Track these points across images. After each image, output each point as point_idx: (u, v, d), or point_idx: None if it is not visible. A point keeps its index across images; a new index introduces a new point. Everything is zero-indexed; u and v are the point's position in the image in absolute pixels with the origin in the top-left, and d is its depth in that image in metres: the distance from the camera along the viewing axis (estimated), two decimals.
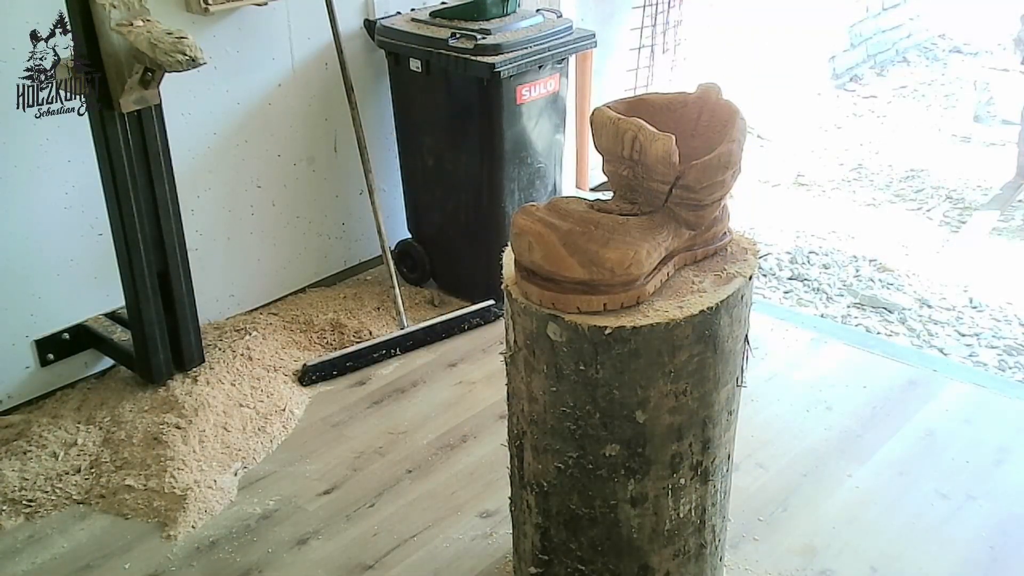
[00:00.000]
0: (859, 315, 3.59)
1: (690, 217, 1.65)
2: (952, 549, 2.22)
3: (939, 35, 7.27)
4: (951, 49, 7.05)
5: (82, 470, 2.43)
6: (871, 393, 2.80)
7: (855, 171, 4.99)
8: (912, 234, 4.23)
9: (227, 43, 2.84)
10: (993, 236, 4.21)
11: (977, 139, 5.37)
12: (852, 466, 2.50)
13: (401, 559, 2.20)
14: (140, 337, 2.60)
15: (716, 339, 1.61)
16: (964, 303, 3.66)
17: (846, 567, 2.17)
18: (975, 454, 2.53)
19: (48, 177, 2.57)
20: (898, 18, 6.90)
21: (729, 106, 1.67)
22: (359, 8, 3.19)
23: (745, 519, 2.30)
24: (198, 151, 2.87)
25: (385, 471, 2.50)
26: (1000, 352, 3.34)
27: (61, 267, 2.68)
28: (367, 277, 3.45)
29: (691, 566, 1.82)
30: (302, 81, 3.08)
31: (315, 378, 2.86)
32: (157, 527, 2.30)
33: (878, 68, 6.67)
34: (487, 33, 2.93)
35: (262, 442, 2.58)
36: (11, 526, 2.29)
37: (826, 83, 6.18)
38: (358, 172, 3.15)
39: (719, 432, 1.73)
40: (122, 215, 2.44)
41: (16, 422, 2.58)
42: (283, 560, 2.21)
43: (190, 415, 2.55)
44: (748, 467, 2.47)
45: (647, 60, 4.38)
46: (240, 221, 3.05)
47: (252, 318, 3.10)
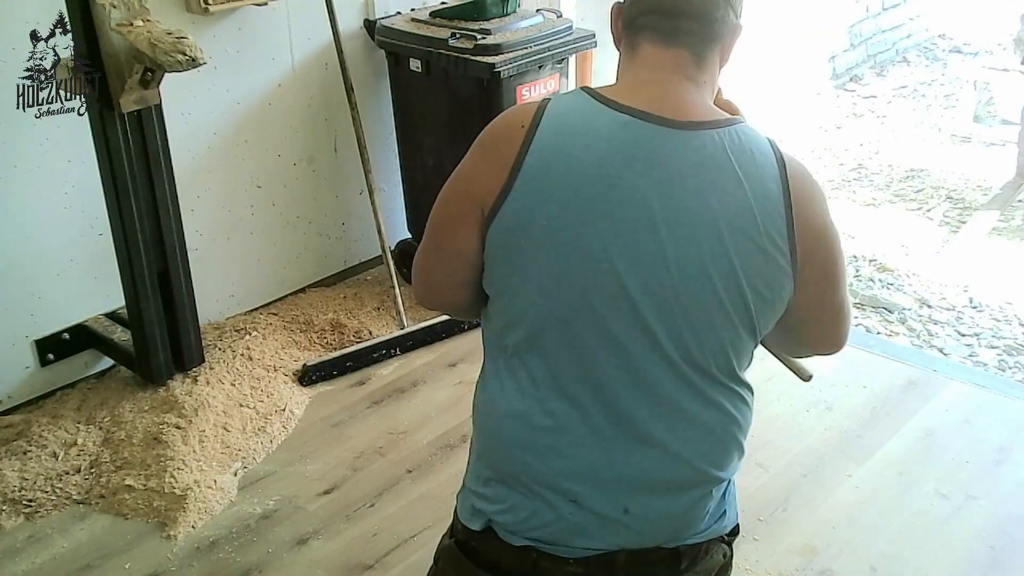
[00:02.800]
0: (859, 315, 3.59)
1: None
2: (952, 549, 2.22)
3: (939, 35, 7.27)
4: (951, 49, 7.05)
5: (82, 470, 2.43)
6: (871, 393, 2.80)
7: (855, 171, 4.99)
8: (912, 234, 4.23)
9: (227, 43, 2.84)
10: (993, 236, 4.21)
11: (977, 139, 5.37)
12: (852, 466, 2.50)
13: (401, 559, 2.20)
14: (140, 337, 2.59)
15: None
16: (964, 303, 3.66)
17: (846, 567, 2.17)
18: (975, 454, 2.53)
19: (48, 177, 2.57)
20: (898, 18, 6.90)
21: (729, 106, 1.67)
22: (359, 8, 3.19)
23: (745, 519, 2.28)
24: (198, 151, 2.87)
25: (385, 471, 2.50)
26: (1000, 352, 3.34)
27: (61, 267, 2.68)
28: (367, 277, 3.45)
29: None
30: (302, 81, 3.08)
31: (315, 378, 2.86)
32: (157, 527, 2.29)
33: (878, 68, 6.67)
34: (487, 33, 2.93)
35: (262, 442, 2.58)
36: (11, 526, 2.29)
37: (826, 83, 6.18)
38: (358, 172, 3.15)
39: None
40: (122, 215, 2.44)
41: (16, 422, 2.58)
42: (283, 560, 2.21)
43: (190, 415, 2.55)
44: (748, 467, 2.46)
45: None
46: (240, 221, 3.05)
47: (252, 318, 3.10)
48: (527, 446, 1.18)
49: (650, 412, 1.16)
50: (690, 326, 1.14)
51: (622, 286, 1.12)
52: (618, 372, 1.15)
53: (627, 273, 1.11)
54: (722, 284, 1.12)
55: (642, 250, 1.11)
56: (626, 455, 1.16)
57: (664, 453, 1.17)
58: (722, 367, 1.18)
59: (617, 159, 1.12)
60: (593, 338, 1.14)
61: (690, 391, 1.17)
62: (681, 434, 1.18)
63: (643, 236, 1.11)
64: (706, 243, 1.11)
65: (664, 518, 1.19)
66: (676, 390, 1.16)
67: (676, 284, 1.12)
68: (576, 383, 1.16)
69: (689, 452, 1.18)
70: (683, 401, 1.17)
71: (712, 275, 1.12)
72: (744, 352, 1.21)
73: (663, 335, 1.13)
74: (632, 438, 1.16)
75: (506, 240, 1.15)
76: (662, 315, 1.13)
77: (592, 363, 1.15)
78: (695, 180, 1.11)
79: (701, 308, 1.13)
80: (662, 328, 1.13)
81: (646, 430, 1.16)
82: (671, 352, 1.14)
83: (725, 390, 1.20)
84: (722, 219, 1.11)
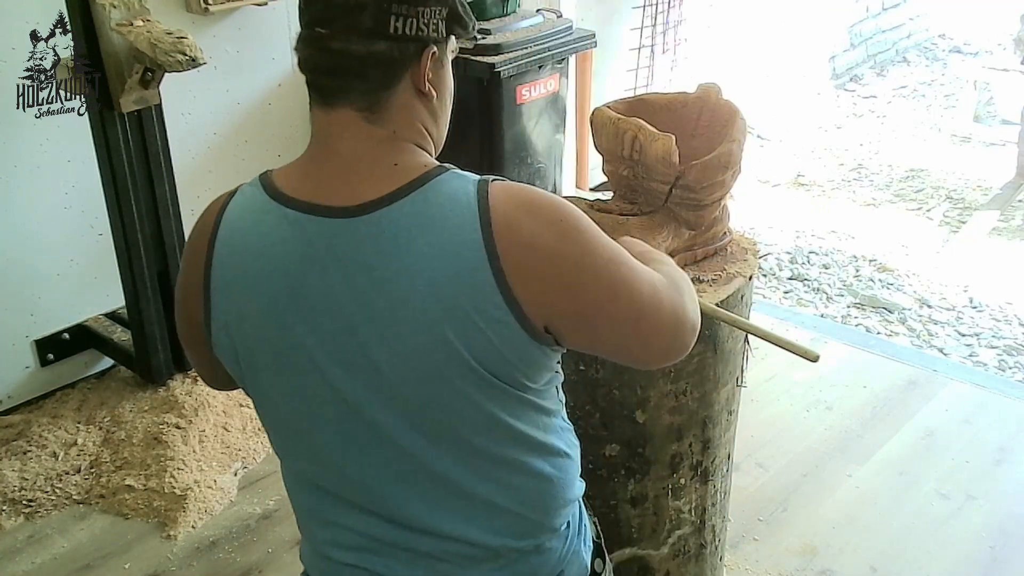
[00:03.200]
0: (859, 315, 3.59)
1: (690, 217, 1.65)
2: (952, 549, 2.22)
3: (939, 35, 7.27)
4: (951, 49, 7.05)
5: (82, 470, 2.43)
6: (871, 393, 2.80)
7: (855, 171, 4.99)
8: (912, 234, 4.23)
9: (227, 43, 2.84)
10: (993, 236, 4.20)
11: (977, 139, 5.37)
12: (852, 466, 2.50)
13: None
14: (140, 337, 2.59)
15: (716, 339, 1.61)
16: (964, 303, 3.66)
17: (846, 567, 2.17)
18: (975, 454, 2.53)
19: (48, 177, 2.57)
20: (898, 18, 6.90)
21: (729, 106, 1.67)
22: None
23: (745, 519, 2.30)
24: (198, 151, 2.87)
25: None
26: (1000, 352, 3.34)
27: (61, 267, 2.68)
28: None
29: (691, 566, 1.82)
30: (302, 81, 3.06)
31: None
32: (157, 527, 2.29)
33: (878, 68, 6.67)
34: (487, 33, 2.93)
35: (262, 442, 2.58)
36: (11, 526, 2.29)
37: (826, 83, 6.18)
38: None
39: (719, 432, 1.73)
40: (122, 215, 2.44)
41: (16, 422, 2.58)
42: (283, 560, 2.20)
43: (190, 415, 2.55)
44: (748, 467, 2.47)
45: (647, 60, 4.38)
46: None
47: None
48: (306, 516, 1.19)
49: (426, 506, 1.07)
50: (432, 419, 1.03)
51: (338, 392, 1.03)
52: (377, 471, 1.06)
53: (342, 380, 1.02)
54: (452, 371, 1.00)
55: (349, 354, 1.01)
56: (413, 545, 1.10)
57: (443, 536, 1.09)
58: (492, 442, 1.06)
59: (293, 263, 1.01)
60: (336, 446, 1.06)
61: (462, 475, 1.07)
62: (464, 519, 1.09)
63: (344, 340, 1.00)
64: (414, 336, 0.98)
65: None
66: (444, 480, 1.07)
67: (397, 385, 1.01)
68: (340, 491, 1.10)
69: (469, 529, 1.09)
70: (463, 482, 1.07)
71: (437, 366, 0.99)
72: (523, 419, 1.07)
73: (405, 431, 1.03)
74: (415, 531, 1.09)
75: (228, 362, 1.11)
76: (397, 415, 1.03)
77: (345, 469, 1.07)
78: (381, 271, 0.98)
79: (435, 399, 1.02)
80: (399, 423, 1.03)
81: (428, 521, 1.08)
82: (425, 444, 1.04)
83: (504, 463, 1.08)
84: (423, 305, 0.97)
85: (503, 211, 0.98)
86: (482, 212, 0.98)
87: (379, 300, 0.99)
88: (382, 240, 0.98)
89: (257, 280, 1.03)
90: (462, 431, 1.04)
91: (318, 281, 1.00)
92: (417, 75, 1.03)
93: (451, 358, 0.99)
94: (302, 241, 1.00)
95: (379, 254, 0.98)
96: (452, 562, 1.10)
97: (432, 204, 0.98)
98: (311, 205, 1.01)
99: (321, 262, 1.00)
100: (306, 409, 1.06)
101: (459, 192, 0.99)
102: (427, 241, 0.97)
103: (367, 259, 0.98)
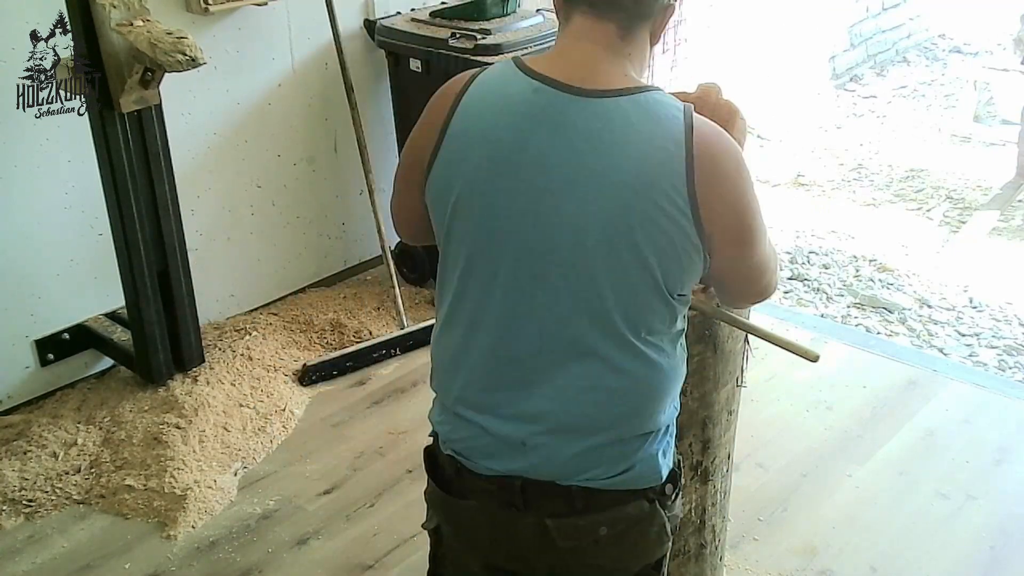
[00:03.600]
0: (859, 315, 3.59)
1: None
2: (952, 549, 2.22)
3: (939, 35, 7.27)
4: (951, 49, 7.05)
5: (82, 470, 2.43)
6: (871, 393, 2.80)
7: (855, 171, 4.99)
8: (912, 234, 4.23)
9: (227, 43, 2.84)
10: (993, 236, 4.21)
11: (977, 139, 5.37)
12: (852, 466, 2.50)
13: (401, 559, 2.20)
14: (140, 337, 2.60)
15: (716, 339, 1.61)
16: (964, 303, 3.66)
17: (846, 567, 2.17)
18: (975, 454, 2.53)
19: (48, 177, 2.57)
20: (898, 18, 6.90)
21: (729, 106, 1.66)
22: (359, 8, 3.19)
23: (745, 519, 2.30)
24: (198, 151, 2.87)
25: (385, 471, 2.50)
26: (1000, 352, 3.34)
27: (61, 267, 2.68)
28: (367, 277, 3.45)
29: (691, 566, 1.82)
30: (302, 81, 3.08)
31: (315, 378, 2.86)
32: (157, 527, 2.30)
33: (878, 68, 6.67)
34: (487, 33, 2.93)
35: (262, 442, 2.58)
36: (11, 526, 2.29)
37: (826, 83, 6.18)
38: (358, 172, 3.15)
39: (719, 432, 1.73)
40: (122, 215, 2.44)
41: (16, 422, 2.58)
42: (283, 560, 2.21)
43: (190, 415, 2.55)
44: (748, 467, 2.47)
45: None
46: (240, 221, 3.05)
47: (252, 318, 3.10)
48: (445, 368, 1.31)
49: (550, 361, 1.23)
50: (591, 283, 1.20)
51: (524, 242, 1.20)
52: (523, 320, 1.22)
53: (530, 230, 1.20)
54: (622, 243, 1.18)
55: (544, 206, 1.19)
56: (526, 393, 1.25)
57: (557, 400, 1.24)
58: (628, 325, 1.22)
59: (526, 123, 1.20)
60: (500, 288, 1.23)
61: (592, 346, 1.22)
62: (576, 384, 1.23)
63: (544, 196, 1.19)
64: (605, 203, 1.17)
65: (556, 457, 1.25)
66: (574, 343, 1.22)
67: (576, 243, 1.18)
68: (488, 321, 1.25)
69: (583, 404, 1.24)
70: (584, 354, 1.23)
71: (611, 235, 1.18)
72: (650, 310, 1.23)
73: (564, 290, 1.20)
74: (531, 380, 1.24)
75: (436, 196, 1.26)
76: (565, 272, 1.20)
77: (501, 307, 1.23)
78: (597, 143, 1.18)
79: (600, 266, 1.19)
80: (564, 283, 1.20)
81: (545, 376, 1.24)
82: (572, 308, 1.21)
83: (630, 348, 1.23)
84: (622, 180, 1.17)
85: (704, 132, 1.20)
86: (687, 120, 1.19)
87: (588, 164, 1.18)
88: (605, 120, 1.18)
89: (491, 128, 1.22)
90: (609, 304, 1.20)
91: (542, 140, 1.19)
92: (658, 22, 1.27)
93: (625, 233, 1.17)
94: (539, 105, 1.20)
95: (599, 131, 1.18)
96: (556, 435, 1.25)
97: (651, 105, 1.20)
98: (555, 81, 1.21)
99: (551, 124, 1.19)
100: (489, 251, 1.23)
101: (670, 104, 1.21)
102: (642, 128, 1.18)
103: (588, 132, 1.18)
